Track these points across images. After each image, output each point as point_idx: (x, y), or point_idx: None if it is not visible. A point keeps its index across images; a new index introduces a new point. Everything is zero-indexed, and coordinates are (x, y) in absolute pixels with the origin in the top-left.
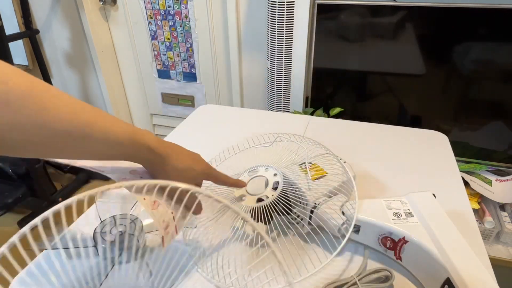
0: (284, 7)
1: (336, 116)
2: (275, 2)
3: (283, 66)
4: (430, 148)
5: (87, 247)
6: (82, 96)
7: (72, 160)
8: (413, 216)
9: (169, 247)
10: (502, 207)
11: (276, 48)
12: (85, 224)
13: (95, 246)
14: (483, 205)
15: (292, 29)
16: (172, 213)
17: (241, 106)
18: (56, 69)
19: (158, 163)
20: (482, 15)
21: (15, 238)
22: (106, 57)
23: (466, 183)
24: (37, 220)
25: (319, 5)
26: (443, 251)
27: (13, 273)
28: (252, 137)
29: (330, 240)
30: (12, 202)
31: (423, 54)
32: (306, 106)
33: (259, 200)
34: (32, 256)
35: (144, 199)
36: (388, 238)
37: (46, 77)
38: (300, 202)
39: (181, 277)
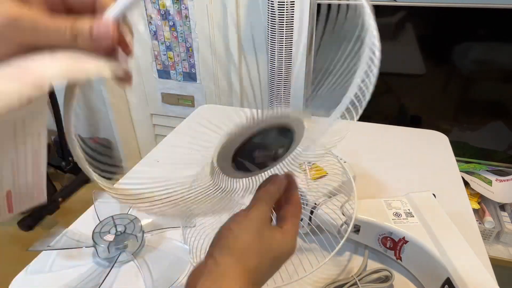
0: (284, 7)
1: None
2: (275, 2)
3: (283, 66)
4: (430, 148)
5: (86, 247)
6: (82, 96)
7: None
8: (413, 216)
9: (169, 246)
10: (502, 207)
11: (276, 48)
12: (84, 224)
13: (94, 246)
14: (483, 205)
15: (292, 29)
16: None
17: (241, 106)
18: None
19: None
20: (482, 15)
21: None
22: None
23: (466, 183)
24: None
25: (319, 5)
26: (443, 251)
27: (13, 273)
28: None
29: (330, 240)
30: None
31: (423, 54)
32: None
33: None
34: (32, 256)
35: None
36: (388, 238)
37: None
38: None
39: (181, 277)
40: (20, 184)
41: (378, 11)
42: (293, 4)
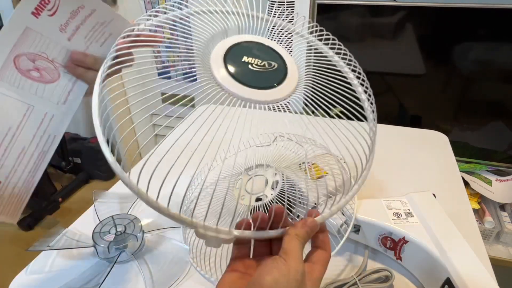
0: (284, 8)
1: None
2: (275, 1)
3: None
4: (430, 148)
5: (86, 247)
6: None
7: None
8: (413, 216)
9: (169, 246)
10: (502, 207)
11: None
12: (84, 224)
13: (94, 246)
14: (483, 205)
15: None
16: None
17: None
18: None
19: None
20: (482, 15)
21: None
22: None
23: (466, 183)
24: None
25: (319, 5)
26: (443, 251)
27: (13, 273)
28: (252, 137)
29: (330, 240)
30: None
31: (423, 54)
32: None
33: (258, 199)
34: (32, 256)
35: None
36: (388, 238)
37: None
38: (300, 202)
39: (182, 277)
40: (11, 182)
41: (378, 11)
42: (293, 4)
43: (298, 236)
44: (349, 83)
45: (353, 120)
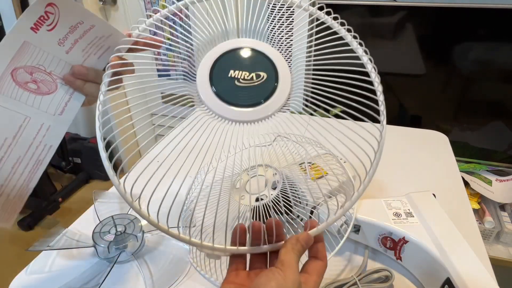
0: (283, 8)
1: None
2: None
3: None
4: (430, 148)
5: (86, 247)
6: None
7: None
8: (413, 216)
9: (169, 246)
10: (502, 207)
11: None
12: (84, 224)
13: (94, 246)
14: (483, 205)
15: (292, 28)
16: None
17: None
18: None
19: None
20: (482, 15)
21: None
22: None
23: (466, 183)
24: None
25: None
26: (443, 251)
27: (13, 273)
28: (252, 136)
29: (330, 240)
30: None
31: (423, 54)
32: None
33: (258, 199)
34: (32, 256)
35: None
36: (388, 238)
37: None
38: (300, 202)
39: (181, 277)
40: (5, 190)
41: (378, 11)
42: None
43: (294, 249)
44: (361, 80)
45: (358, 120)
